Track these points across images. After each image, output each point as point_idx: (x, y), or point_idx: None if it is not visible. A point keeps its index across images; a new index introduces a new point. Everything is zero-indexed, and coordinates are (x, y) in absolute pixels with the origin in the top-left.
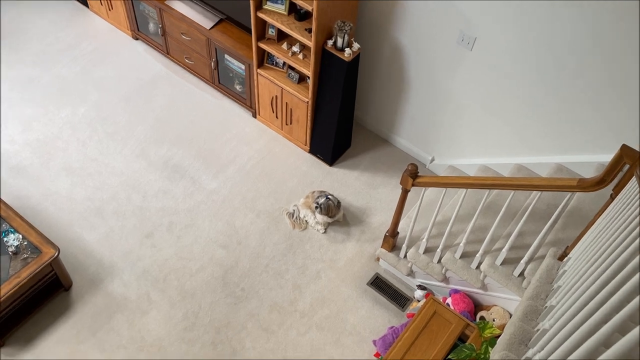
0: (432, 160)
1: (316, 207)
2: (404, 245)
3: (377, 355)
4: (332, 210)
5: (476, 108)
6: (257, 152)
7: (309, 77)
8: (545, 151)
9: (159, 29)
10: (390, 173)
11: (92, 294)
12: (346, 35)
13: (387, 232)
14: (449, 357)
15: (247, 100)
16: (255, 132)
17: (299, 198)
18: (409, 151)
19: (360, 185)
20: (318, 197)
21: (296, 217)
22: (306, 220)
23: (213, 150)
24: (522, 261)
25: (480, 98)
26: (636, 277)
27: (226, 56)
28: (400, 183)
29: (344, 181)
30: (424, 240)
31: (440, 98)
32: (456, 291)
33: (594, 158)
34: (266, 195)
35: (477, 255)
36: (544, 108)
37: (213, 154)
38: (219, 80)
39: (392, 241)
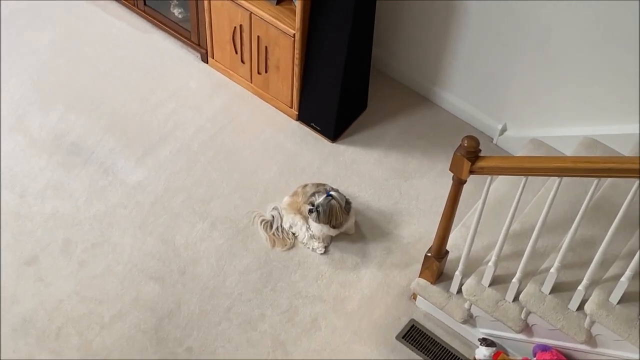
0: (504, 130)
1: (310, 211)
2: (457, 273)
3: None
4: (337, 215)
5: (577, 45)
6: (211, 121)
7: None
8: None
9: None
10: (432, 153)
11: None
12: None
13: (428, 252)
14: None
15: (193, 35)
16: (206, 86)
17: (282, 196)
18: (465, 116)
19: (384, 174)
20: (313, 195)
21: (277, 228)
22: (294, 233)
23: (136, 118)
24: None
25: (584, 27)
26: None
27: None
28: (450, 169)
29: (357, 167)
30: (491, 264)
31: (516, 28)
32: (545, 348)
33: None
34: (227, 191)
35: (580, 287)
36: None
37: (137, 125)
38: (145, 1)
39: (437, 266)
